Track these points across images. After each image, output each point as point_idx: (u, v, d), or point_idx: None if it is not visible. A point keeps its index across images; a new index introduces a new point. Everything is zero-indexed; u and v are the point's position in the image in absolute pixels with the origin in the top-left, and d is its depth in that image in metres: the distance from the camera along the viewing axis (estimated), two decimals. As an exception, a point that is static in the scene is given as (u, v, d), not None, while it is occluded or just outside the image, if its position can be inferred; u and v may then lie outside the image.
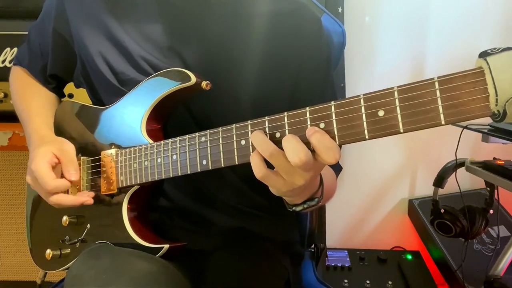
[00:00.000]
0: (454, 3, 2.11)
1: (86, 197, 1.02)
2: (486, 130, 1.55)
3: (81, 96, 1.27)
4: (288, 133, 0.74)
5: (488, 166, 1.59)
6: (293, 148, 0.72)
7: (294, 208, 0.87)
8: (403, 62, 2.15)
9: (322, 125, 0.70)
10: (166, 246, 0.96)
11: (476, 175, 1.63)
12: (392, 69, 2.15)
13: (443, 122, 0.60)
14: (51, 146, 1.03)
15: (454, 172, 1.68)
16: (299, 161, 0.71)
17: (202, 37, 1.04)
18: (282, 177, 0.76)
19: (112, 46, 1.07)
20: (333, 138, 0.69)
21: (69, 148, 1.06)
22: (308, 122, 0.72)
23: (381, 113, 0.64)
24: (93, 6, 1.08)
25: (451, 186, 1.70)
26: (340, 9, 1.95)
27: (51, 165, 1.01)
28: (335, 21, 1.28)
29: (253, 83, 1.05)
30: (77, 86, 1.23)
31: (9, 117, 1.60)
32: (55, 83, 1.25)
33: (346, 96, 0.69)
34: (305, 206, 0.86)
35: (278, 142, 0.75)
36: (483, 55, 0.56)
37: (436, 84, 0.60)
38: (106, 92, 1.11)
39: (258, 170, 0.76)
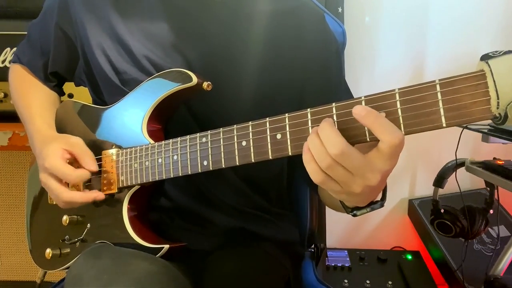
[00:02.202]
0: (454, 3, 2.11)
1: (96, 193, 1.03)
2: (486, 130, 1.56)
3: (81, 96, 1.27)
4: (290, 135, 0.74)
5: (488, 166, 1.59)
6: (328, 136, 0.67)
7: (355, 212, 0.81)
8: (403, 62, 2.16)
9: None
10: (166, 246, 0.96)
11: (476, 175, 1.63)
12: (392, 69, 2.15)
13: (444, 125, 0.60)
14: (58, 142, 1.03)
15: (454, 172, 1.69)
16: (337, 151, 0.66)
17: (205, 37, 1.04)
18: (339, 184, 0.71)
19: (115, 44, 1.07)
20: None
21: (78, 140, 1.05)
22: (309, 124, 0.72)
23: (382, 115, 0.64)
24: (97, 4, 1.08)
25: (451, 186, 1.71)
26: (340, 9, 1.95)
27: (64, 160, 1.01)
28: (336, 21, 1.28)
29: (255, 83, 1.04)
30: (78, 84, 1.23)
31: (9, 117, 1.60)
32: (55, 81, 1.25)
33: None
34: (368, 210, 0.80)
35: (279, 143, 0.75)
36: (485, 58, 0.56)
37: (438, 87, 0.60)
38: (108, 91, 1.11)
39: (316, 176, 0.71)
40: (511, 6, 2.10)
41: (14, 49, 1.65)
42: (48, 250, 1.10)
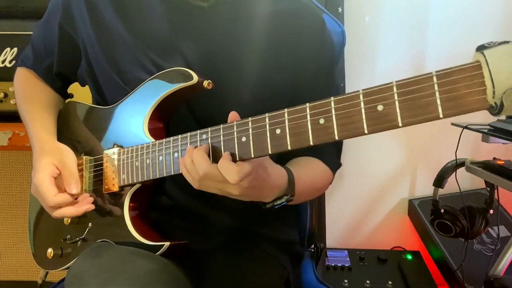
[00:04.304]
0: (453, 3, 2.12)
1: (86, 205, 1.03)
2: (486, 130, 1.55)
3: (81, 96, 1.28)
4: (289, 130, 0.75)
5: (488, 166, 1.59)
6: (196, 159, 0.84)
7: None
8: (403, 62, 2.16)
9: (321, 121, 0.71)
10: (167, 243, 0.96)
11: (476, 175, 1.63)
12: (392, 69, 2.15)
13: (441, 116, 0.60)
14: (51, 157, 1.05)
15: (454, 172, 1.69)
16: (202, 172, 0.83)
17: (204, 37, 1.05)
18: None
19: (116, 44, 1.08)
20: (333, 133, 0.70)
21: (69, 160, 1.07)
22: (308, 118, 0.72)
23: (380, 107, 0.65)
24: (99, 5, 1.09)
25: (451, 186, 1.71)
26: (340, 9, 1.95)
27: (53, 177, 1.03)
28: (335, 21, 1.28)
29: (254, 82, 1.05)
30: (82, 84, 1.23)
31: (9, 117, 1.61)
32: (60, 83, 1.26)
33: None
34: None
35: (278, 138, 0.76)
36: (480, 48, 0.56)
37: (434, 78, 0.60)
38: (110, 91, 1.12)
39: (193, 184, 0.87)
40: (510, 5, 2.11)
41: (15, 49, 1.66)
42: (50, 250, 1.11)
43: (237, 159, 0.82)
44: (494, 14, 2.13)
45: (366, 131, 0.67)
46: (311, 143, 0.72)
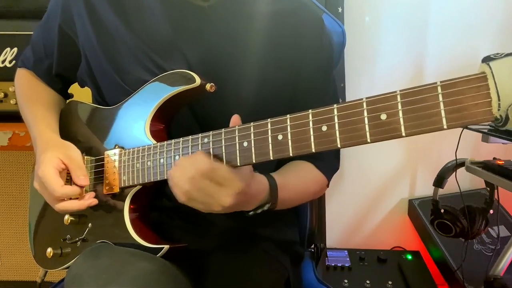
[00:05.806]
0: (454, 3, 2.11)
1: (90, 200, 1.03)
2: (486, 130, 1.55)
3: (82, 96, 1.28)
4: (291, 136, 0.75)
5: (488, 166, 1.58)
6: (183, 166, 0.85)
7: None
8: (403, 62, 2.16)
9: (324, 128, 0.71)
10: (166, 246, 0.96)
11: (476, 175, 1.63)
12: (392, 69, 2.15)
13: (445, 127, 0.60)
14: (57, 151, 1.03)
15: (454, 172, 1.68)
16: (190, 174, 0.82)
17: (204, 36, 1.05)
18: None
19: (117, 44, 1.07)
20: (335, 141, 0.70)
21: (75, 153, 1.06)
22: (311, 125, 0.72)
23: (383, 116, 0.65)
24: (98, 5, 1.09)
25: (451, 186, 1.71)
26: (340, 9, 1.95)
27: (58, 170, 1.01)
28: (335, 21, 1.29)
29: (255, 82, 1.05)
30: (82, 85, 1.23)
31: (9, 117, 1.61)
32: (60, 84, 1.26)
33: (346, 96, 0.70)
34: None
35: (280, 144, 0.75)
36: (486, 60, 0.56)
37: (439, 89, 0.60)
38: (111, 91, 1.12)
39: (180, 197, 0.86)
40: (510, 5, 2.10)
41: (15, 49, 1.66)
42: (49, 249, 1.11)
43: (238, 164, 0.83)
44: (494, 14, 2.12)
45: (368, 140, 0.66)
46: (313, 150, 0.72)
